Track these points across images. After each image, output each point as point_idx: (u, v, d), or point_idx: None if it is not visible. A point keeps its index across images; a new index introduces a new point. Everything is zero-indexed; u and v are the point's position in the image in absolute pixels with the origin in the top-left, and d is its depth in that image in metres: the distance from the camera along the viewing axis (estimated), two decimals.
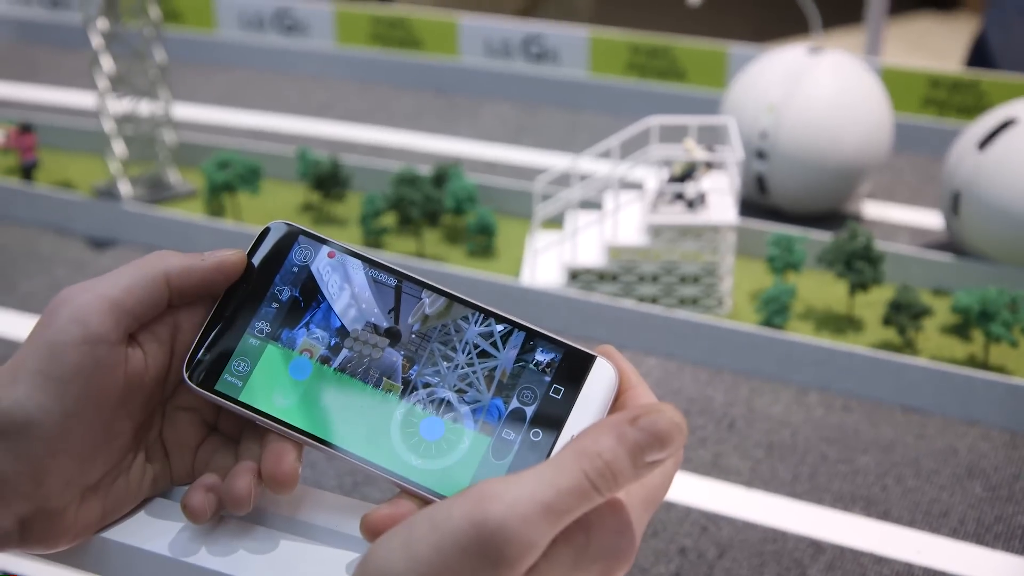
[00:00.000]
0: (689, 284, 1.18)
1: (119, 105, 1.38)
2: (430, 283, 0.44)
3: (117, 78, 1.37)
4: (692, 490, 0.94)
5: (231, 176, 1.34)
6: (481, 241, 1.32)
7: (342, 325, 0.44)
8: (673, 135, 1.60)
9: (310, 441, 0.42)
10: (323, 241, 0.45)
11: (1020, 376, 1.07)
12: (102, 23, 1.34)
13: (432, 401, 0.42)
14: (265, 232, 0.45)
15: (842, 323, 1.17)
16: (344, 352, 0.43)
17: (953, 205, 1.24)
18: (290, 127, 1.69)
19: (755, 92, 1.34)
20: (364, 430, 0.42)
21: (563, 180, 1.42)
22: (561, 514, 0.36)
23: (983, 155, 1.21)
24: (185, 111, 1.72)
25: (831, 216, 1.39)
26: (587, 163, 1.43)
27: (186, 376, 0.43)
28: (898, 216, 1.40)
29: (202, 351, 0.43)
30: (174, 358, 0.44)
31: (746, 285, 1.24)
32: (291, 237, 0.45)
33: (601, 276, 1.20)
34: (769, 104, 1.32)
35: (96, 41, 1.34)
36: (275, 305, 0.44)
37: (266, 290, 0.44)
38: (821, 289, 1.23)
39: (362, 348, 0.43)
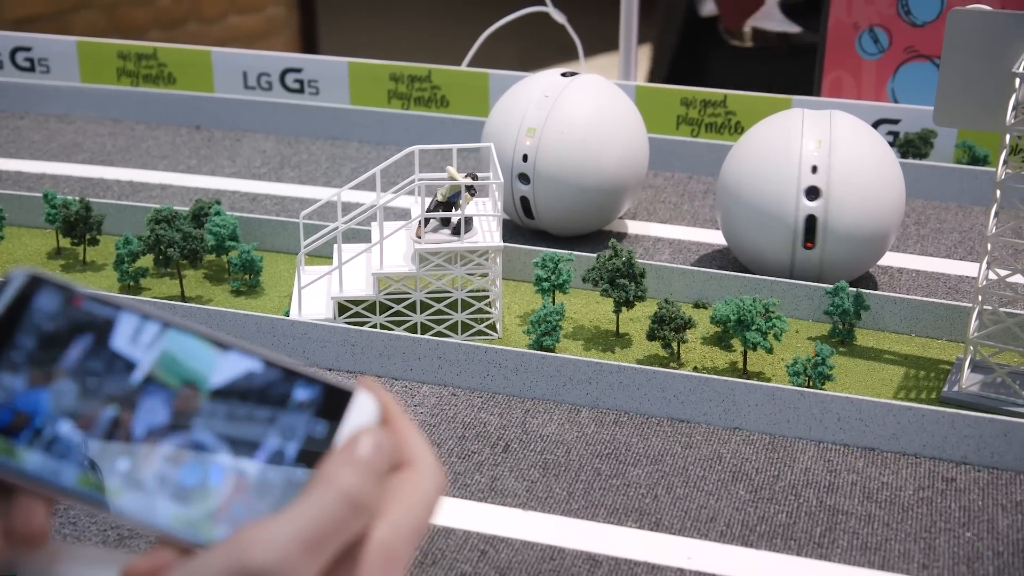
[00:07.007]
0: (459, 310, 1.18)
1: None
2: (184, 323, 0.43)
3: None
4: (470, 515, 0.93)
5: None
6: (246, 279, 1.28)
7: (92, 373, 0.41)
8: (436, 162, 1.61)
9: (62, 494, 0.40)
10: (69, 288, 0.43)
11: (776, 381, 1.12)
12: None
13: (190, 445, 0.41)
14: (5, 281, 0.43)
15: (610, 340, 1.19)
16: (94, 401, 0.41)
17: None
18: (34, 169, 1.60)
19: (514, 117, 1.36)
20: (119, 479, 0.40)
21: (328, 212, 1.40)
22: (321, 545, 0.36)
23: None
24: None
25: (596, 236, 1.42)
26: (351, 194, 1.41)
27: None
28: (659, 232, 1.45)
29: None
30: None
31: (516, 308, 1.26)
32: (34, 285, 0.43)
33: (371, 307, 1.19)
34: (528, 128, 1.34)
35: None
36: (18, 358, 0.41)
37: (8, 342, 0.42)
38: (588, 308, 1.25)
39: (114, 396, 0.41)
